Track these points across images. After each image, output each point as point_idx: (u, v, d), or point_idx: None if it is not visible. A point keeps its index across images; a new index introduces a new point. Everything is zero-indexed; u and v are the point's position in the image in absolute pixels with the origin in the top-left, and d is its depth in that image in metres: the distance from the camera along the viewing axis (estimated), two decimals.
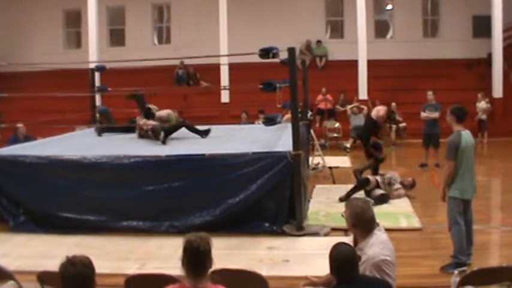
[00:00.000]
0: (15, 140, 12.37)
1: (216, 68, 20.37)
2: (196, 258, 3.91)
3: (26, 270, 6.83)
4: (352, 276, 4.06)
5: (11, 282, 4.84)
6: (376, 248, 4.53)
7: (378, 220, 5.11)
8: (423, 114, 14.61)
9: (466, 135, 7.12)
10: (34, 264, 7.23)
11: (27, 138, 12.73)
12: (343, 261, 4.08)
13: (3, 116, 19.16)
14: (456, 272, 4.92)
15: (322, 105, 20.60)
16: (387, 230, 7.34)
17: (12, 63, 19.28)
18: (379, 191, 10.78)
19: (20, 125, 13.60)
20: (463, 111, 7.32)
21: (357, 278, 4.08)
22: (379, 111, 12.63)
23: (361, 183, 11.05)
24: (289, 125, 9.31)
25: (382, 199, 10.59)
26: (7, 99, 15.96)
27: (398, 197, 10.89)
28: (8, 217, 9.24)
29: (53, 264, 3.68)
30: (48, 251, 7.97)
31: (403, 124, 18.80)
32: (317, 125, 19.76)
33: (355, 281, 4.05)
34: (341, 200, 10.73)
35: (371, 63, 20.52)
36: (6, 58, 20.88)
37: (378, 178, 11.16)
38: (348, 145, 18.58)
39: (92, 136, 12.96)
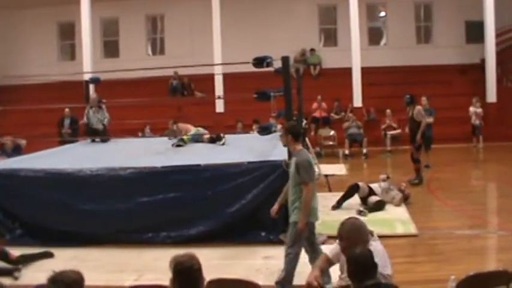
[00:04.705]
0: (3, 154, 12.32)
1: (210, 78, 20.38)
2: (190, 278, 3.85)
3: (22, 284, 6.84)
4: (369, 279, 4.05)
5: None
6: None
7: (374, 227, 5.10)
8: None
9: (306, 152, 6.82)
10: (30, 277, 7.22)
11: (16, 150, 12.70)
12: (361, 264, 4.09)
13: None
14: (453, 277, 4.91)
15: (317, 114, 20.62)
16: (384, 236, 7.38)
17: (6, 76, 19.30)
18: (375, 198, 10.78)
19: (5, 138, 13.53)
20: (299, 129, 6.92)
21: (375, 282, 4.08)
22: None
23: (351, 190, 11.03)
24: None
25: (378, 206, 10.59)
26: (2, 112, 15.97)
27: (398, 202, 10.88)
28: (4, 231, 9.19)
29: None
30: (44, 264, 7.93)
31: (398, 131, 18.81)
32: (312, 133, 19.76)
33: (373, 285, 4.05)
34: (333, 208, 10.75)
35: (365, 71, 20.58)
36: (1, 71, 20.90)
37: (375, 185, 11.17)
38: (347, 151, 18.63)
39: (87, 148, 12.94)
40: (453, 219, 10.04)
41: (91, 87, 15.22)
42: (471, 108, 19.35)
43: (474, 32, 22.61)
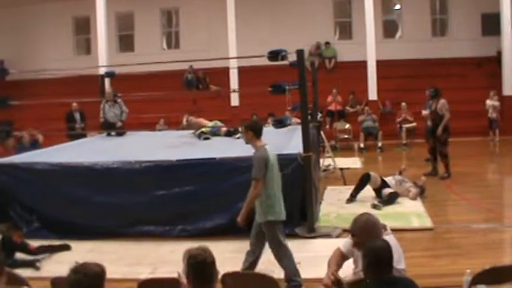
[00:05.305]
0: (22, 148, 12.43)
1: (225, 71, 20.39)
2: (204, 271, 3.87)
3: (40, 276, 6.91)
4: (386, 274, 4.04)
5: None
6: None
7: (389, 221, 5.09)
8: (424, 112, 14.59)
9: (269, 150, 6.65)
10: (47, 270, 7.30)
11: (33, 144, 12.80)
12: (379, 258, 4.05)
13: (16, 123, 19.28)
14: (469, 270, 4.90)
15: (332, 107, 20.58)
16: (399, 230, 7.39)
17: (23, 71, 19.39)
18: (388, 190, 10.76)
19: (22, 132, 13.63)
20: (260, 126, 6.78)
21: (390, 276, 4.07)
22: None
23: (363, 179, 11.01)
24: (299, 127, 9.33)
25: (391, 198, 10.56)
26: (19, 106, 16.08)
27: (413, 196, 10.82)
28: (22, 224, 9.29)
29: (65, 270, 3.71)
30: (62, 257, 8.02)
31: (413, 124, 18.73)
32: (327, 126, 19.73)
33: (388, 279, 4.04)
34: (348, 201, 10.75)
35: (380, 64, 20.48)
36: (17, 66, 21.00)
37: (389, 178, 11.15)
38: (362, 145, 18.58)
39: (103, 142, 13.02)
40: (469, 213, 10.00)
41: (106, 81, 15.30)
42: (488, 101, 19.20)
43: (490, 24, 22.40)
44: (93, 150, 11.36)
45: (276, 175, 6.68)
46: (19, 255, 7.83)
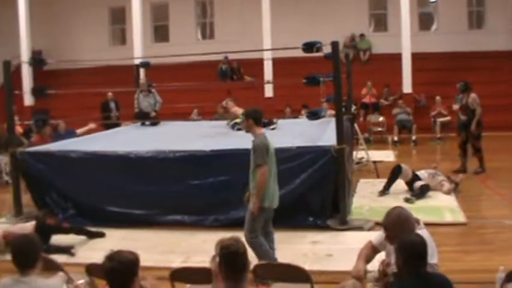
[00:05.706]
0: (58, 136, 12.64)
1: (259, 62, 20.39)
2: (236, 261, 3.89)
3: (75, 262, 7.04)
4: (420, 268, 4.01)
5: (60, 273, 4.99)
6: None
7: (422, 215, 5.06)
8: (454, 107, 14.42)
9: (268, 138, 6.75)
10: (82, 256, 7.43)
11: (68, 132, 13.00)
12: (413, 252, 4.02)
13: (53, 112, 19.55)
14: (502, 267, 4.86)
15: (366, 99, 20.46)
16: (432, 224, 7.34)
17: (60, 61, 19.66)
18: (420, 182, 10.70)
19: (58, 121, 13.83)
20: (260, 114, 6.82)
21: (424, 271, 4.04)
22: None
23: (394, 172, 10.96)
24: (333, 119, 9.32)
25: (423, 191, 10.49)
26: (55, 95, 16.31)
27: (447, 191, 10.72)
28: (58, 210, 9.45)
29: (100, 257, 3.80)
30: (96, 244, 8.15)
31: (448, 118, 18.52)
32: (361, 119, 19.61)
33: (422, 274, 4.01)
34: (380, 194, 10.72)
35: (415, 56, 20.28)
36: (54, 56, 21.31)
37: (422, 171, 11.08)
38: (396, 138, 18.45)
39: (137, 131, 13.15)
40: (503, 208, 9.86)
41: (141, 71, 15.43)
42: None
43: None
44: (127, 140, 11.48)
45: (274, 164, 6.76)
46: (54, 241, 7.98)
